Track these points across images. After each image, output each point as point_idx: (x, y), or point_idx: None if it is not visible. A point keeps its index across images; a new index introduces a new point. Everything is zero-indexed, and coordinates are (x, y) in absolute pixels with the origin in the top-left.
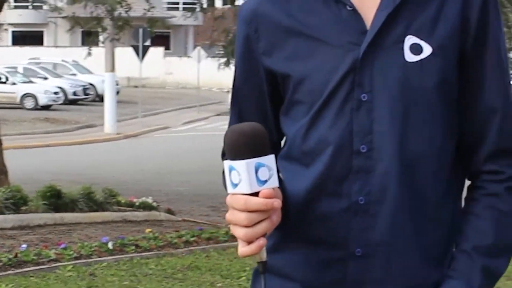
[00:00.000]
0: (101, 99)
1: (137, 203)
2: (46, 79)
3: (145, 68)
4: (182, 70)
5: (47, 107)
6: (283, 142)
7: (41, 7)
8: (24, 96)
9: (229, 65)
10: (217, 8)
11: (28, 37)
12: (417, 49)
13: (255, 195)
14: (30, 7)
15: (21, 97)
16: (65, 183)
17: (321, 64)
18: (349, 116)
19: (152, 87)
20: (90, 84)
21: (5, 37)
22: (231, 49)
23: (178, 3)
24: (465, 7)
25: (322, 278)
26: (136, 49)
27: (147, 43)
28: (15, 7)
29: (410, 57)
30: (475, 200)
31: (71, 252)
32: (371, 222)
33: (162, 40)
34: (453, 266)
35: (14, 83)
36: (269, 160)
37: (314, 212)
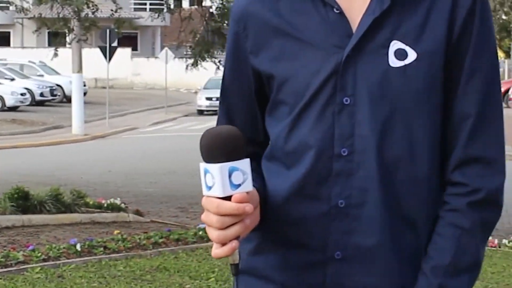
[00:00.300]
0: (69, 100)
1: (105, 205)
2: (13, 80)
3: (112, 69)
4: (149, 71)
5: (14, 108)
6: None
7: (8, 8)
8: None
9: (197, 66)
10: (184, 9)
11: None
12: (402, 54)
13: (228, 198)
14: None
15: None
16: (33, 185)
17: (304, 65)
18: (331, 119)
19: (119, 88)
20: (57, 85)
21: None
22: (198, 50)
23: (145, 4)
24: (452, 15)
25: (301, 280)
26: (103, 50)
27: (114, 44)
28: None
29: (394, 62)
30: (440, 217)
31: (39, 254)
32: (351, 225)
33: (129, 41)
34: None
35: None
36: (244, 164)
37: (294, 214)
